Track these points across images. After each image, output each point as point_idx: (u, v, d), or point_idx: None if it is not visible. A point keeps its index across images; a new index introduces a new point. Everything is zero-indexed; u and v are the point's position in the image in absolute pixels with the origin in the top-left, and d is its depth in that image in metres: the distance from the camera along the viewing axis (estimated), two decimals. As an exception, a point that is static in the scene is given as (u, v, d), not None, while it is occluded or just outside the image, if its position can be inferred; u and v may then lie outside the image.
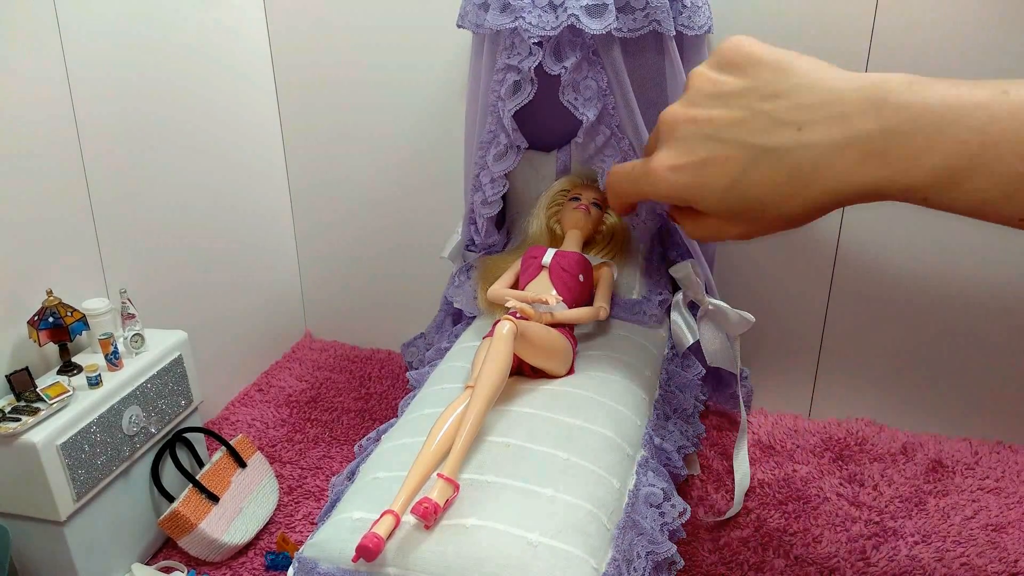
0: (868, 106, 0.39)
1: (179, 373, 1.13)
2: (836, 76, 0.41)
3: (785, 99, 0.41)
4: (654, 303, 1.15)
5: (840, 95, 0.40)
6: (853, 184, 0.39)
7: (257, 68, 1.48)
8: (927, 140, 0.38)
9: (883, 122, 0.38)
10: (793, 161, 0.40)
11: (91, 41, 1.09)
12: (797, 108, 0.40)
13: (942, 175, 0.38)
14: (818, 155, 0.40)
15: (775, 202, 0.42)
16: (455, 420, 0.82)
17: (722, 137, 0.42)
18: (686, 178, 0.43)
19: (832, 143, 0.39)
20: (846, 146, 0.39)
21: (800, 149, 0.40)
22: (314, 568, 0.75)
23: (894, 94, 0.38)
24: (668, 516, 0.88)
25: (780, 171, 0.41)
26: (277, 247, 1.61)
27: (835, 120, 0.39)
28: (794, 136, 0.40)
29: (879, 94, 0.39)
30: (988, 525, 1.13)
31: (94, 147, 1.10)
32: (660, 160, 0.44)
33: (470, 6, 1.07)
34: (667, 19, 0.98)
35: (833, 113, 0.39)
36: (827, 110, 0.40)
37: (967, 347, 1.29)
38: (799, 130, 0.40)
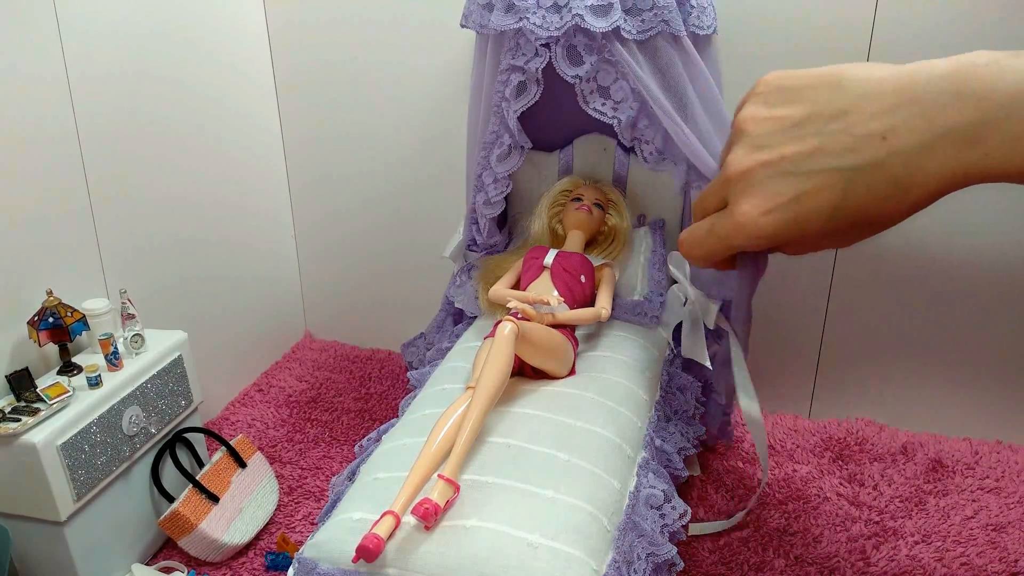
0: (949, 99, 0.38)
1: (179, 373, 1.13)
2: (893, 74, 0.40)
3: (856, 113, 0.40)
4: (655, 304, 1.15)
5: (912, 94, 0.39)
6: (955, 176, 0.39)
7: (257, 68, 1.48)
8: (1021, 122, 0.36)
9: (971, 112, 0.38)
10: (889, 172, 0.39)
11: (91, 41, 1.08)
12: (872, 118, 0.40)
13: None
14: (910, 159, 0.39)
15: (880, 212, 0.41)
16: (456, 421, 0.82)
17: (806, 170, 0.41)
18: (783, 219, 0.42)
19: (922, 144, 0.39)
20: (937, 144, 0.38)
21: (892, 157, 0.39)
22: (314, 568, 0.75)
23: (973, 80, 0.38)
24: (668, 518, 0.88)
25: (880, 185, 0.40)
26: (277, 247, 1.61)
27: (917, 120, 0.39)
28: (882, 147, 0.39)
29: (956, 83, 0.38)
30: (988, 525, 1.13)
31: (94, 147, 1.10)
32: (747, 211, 0.43)
33: (474, 6, 1.07)
34: (676, 19, 0.98)
35: (914, 113, 0.39)
36: (905, 111, 0.39)
37: (967, 347, 1.29)
38: (884, 139, 0.39)
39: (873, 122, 0.39)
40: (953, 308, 1.27)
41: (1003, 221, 1.20)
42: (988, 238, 1.21)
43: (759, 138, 0.43)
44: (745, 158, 0.43)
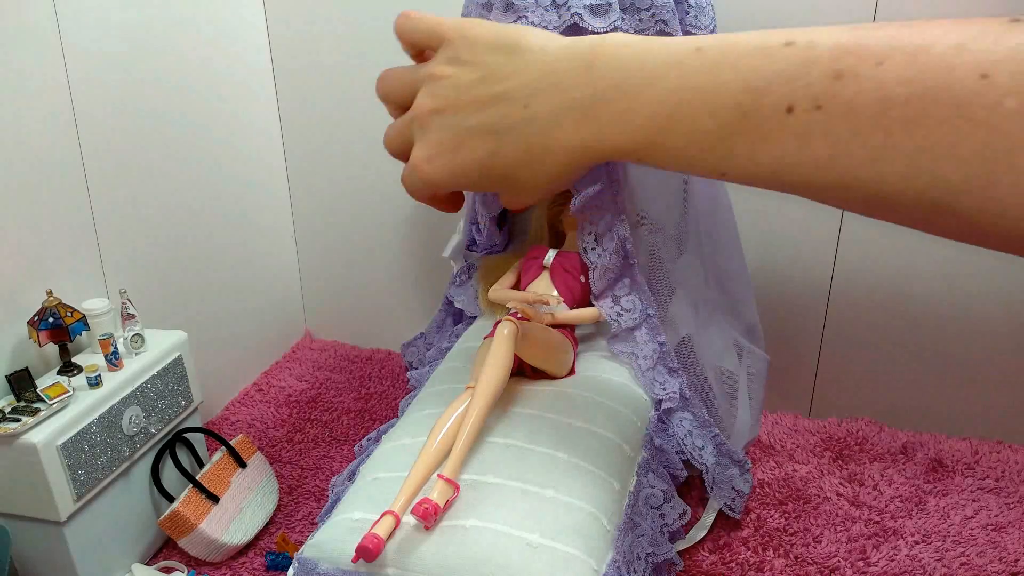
0: (578, 73, 0.41)
1: (179, 373, 1.13)
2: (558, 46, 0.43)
3: (514, 79, 0.43)
4: (654, 303, 1.15)
5: (555, 65, 0.42)
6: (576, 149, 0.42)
7: (257, 68, 1.48)
8: (630, 102, 0.40)
9: (590, 89, 0.41)
10: (526, 136, 0.43)
11: (91, 42, 1.09)
12: (523, 85, 0.43)
13: (646, 134, 0.40)
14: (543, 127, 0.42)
15: (525, 175, 0.45)
16: (456, 421, 0.82)
17: (467, 124, 0.45)
18: (442, 167, 0.46)
19: (552, 113, 0.42)
20: (563, 114, 0.41)
21: (529, 123, 0.42)
22: (314, 568, 0.75)
23: (600, 59, 0.41)
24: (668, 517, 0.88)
25: (519, 147, 0.43)
26: (277, 247, 1.61)
27: (553, 90, 0.42)
28: (522, 113, 0.43)
29: (587, 61, 0.41)
30: (988, 525, 1.13)
31: (94, 147, 1.10)
32: (416, 155, 0.47)
33: (473, 6, 1.07)
34: (673, 19, 0.98)
35: (550, 84, 0.42)
36: (546, 81, 0.42)
37: (967, 347, 1.29)
38: (525, 107, 0.42)
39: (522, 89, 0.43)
40: (953, 308, 1.27)
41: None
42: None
43: (438, 87, 0.46)
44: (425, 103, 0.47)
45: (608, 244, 1.02)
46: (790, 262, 1.33)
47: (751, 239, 1.30)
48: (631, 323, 1.04)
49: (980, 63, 0.31)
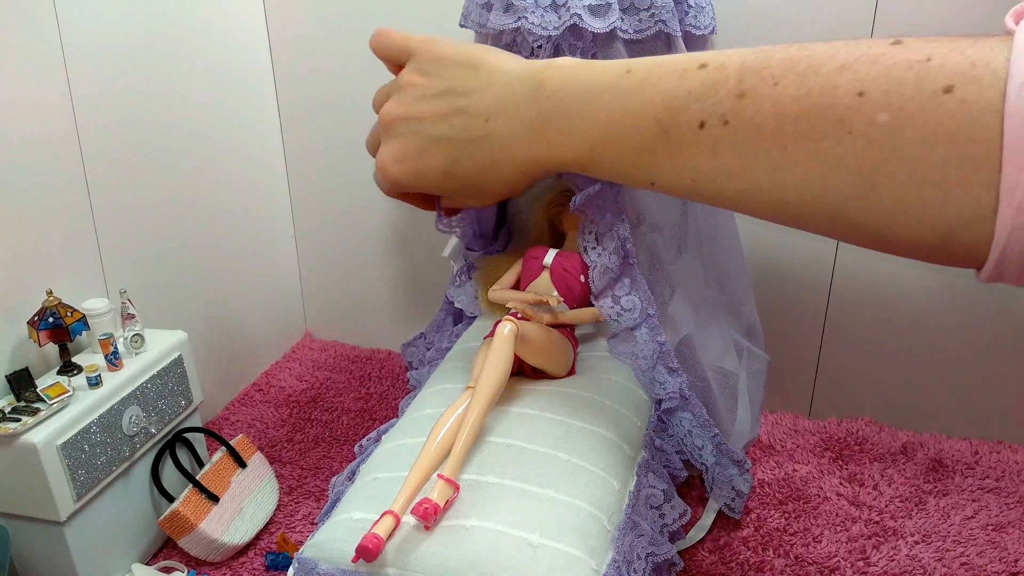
0: (530, 95, 0.46)
1: (179, 373, 1.13)
2: (513, 68, 0.47)
3: (477, 95, 0.48)
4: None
5: (512, 87, 0.47)
6: (530, 161, 0.47)
7: (257, 68, 1.48)
8: (570, 122, 0.45)
9: (539, 108, 0.46)
10: (487, 149, 0.47)
11: (91, 42, 1.09)
12: (484, 102, 0.47)
13: (586, 149, 0.45)
14: (502, 141, 0.47)
15: (485, 181, 0.49)
16: (455, 421, 0.82)
17: (431, 132, 0.49)
18: (407, 169, 0.51)
19: (509, 130, 0.47)
20: (519, 131, 0.46)
21: (490, 138, 0.47)
22: (314, 568, 0.75)
23: (548, 82, 0.45)
24: (668, 517, 0.88)
25: (481, 158, 0.48)
26: (277, 247, 1.61)
27: (510, 110, 0.47)
28: (484, 127, 0.47)
29: (537, 83, 0.46)
30: (988, 525, 1.13)
31: (94, 147, 1.10)
32: (383, 157, 0.52)
33: (473, 6, 1.07)
34: (672, 19, 0.98)
35: (508, 104, 0.47)
36: (504, 102, 0.47)
37: (967, 347, 1.29)
38: (487, 121, 0.47)
39: (484, 105, 0.47)
40: (954, 308, 1.27)
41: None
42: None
43: (407, 96, 0.51)
44: (393, 110, 0.51)
45: (608, 244, 1.02)
46: (790, 262, 1.33)
47: (751, 239, 1.30)
48: (631, 323, 1.04)
49: (858, 82, 0.35)
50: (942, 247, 0.35)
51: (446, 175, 0.50)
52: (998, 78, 0.32)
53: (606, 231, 1.02)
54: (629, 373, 1.04)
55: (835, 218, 0.37)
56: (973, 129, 0.32)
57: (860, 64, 0.35)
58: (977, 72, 0.33)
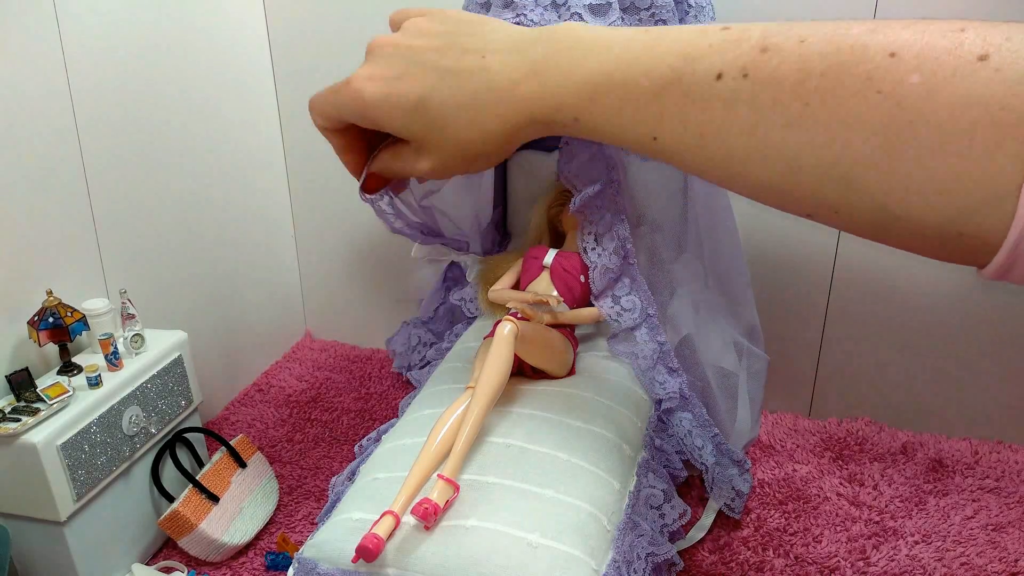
0: (539, 39, 0.44)
1: (179, 373, 1.13)
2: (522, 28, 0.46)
3: (479, 38, 0.46)
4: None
5: (522, 34, 0.45)
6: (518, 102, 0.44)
7: (257, 68, 1.48)
8: (575, 62, 0.43)
9: (545, 49, 0.44)
10: (474, 83, 0.45)
11: (91, 42, 1.09)
12: (485, 41, 0.46)
13: (587, 93, 0.42)
14: (493, 77, 0.45)
15: (459, 122, 0.46)
16: (455, 421, 0.82)
17: (418, 59, 0.47)
18: (379, 88, 0.47)
19: (505, 66, 0.44)
20: (514, 69, 0.44)
21: (481, 72, 0.45)
22: (314, 568, 0.75)
23: (560, 30, 0.44)
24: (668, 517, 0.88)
25: (463, 92, 0.45)
26: (277, 247, 1.61)
27: (512, 50, 0.45)
28: (478, 61, 0.45)
29: (548, 32, 0.44)
30: (988, 525, 1.13)
31: (94, 147, 1.10)
32: (358, 72, 0.49)
33: (472, 6, 1.07)
34: (673, 19, 0.98)
35: (512, 45, 0.45)
36: (508, 43, 0.45)
37: (968, 347, 1.29)
38: (483, 57, 0.45)
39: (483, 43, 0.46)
40: (954, 308, 1.27)
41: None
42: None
43: (405, 32, 0.49)
44: (385, 38, 0.49)
45: (608, 244, 1.02)
46: (790, 262, 1.33)
47: (751, 239, 1.30)
48: (631, 323, 1.04)
49: (890, 43, 0.34)
50: (953, 231, 0.34)
51: (417, 105, 0.46)
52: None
53: (605, 231, 1.02)
54: (629, 373, 1.04)
55: (848, 187, 0.36)
56: (1006, 98, 0.32)
57: (892, 28, 0.34)
58: (1012, 45, 0.32)
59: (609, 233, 1.02)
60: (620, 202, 1.03)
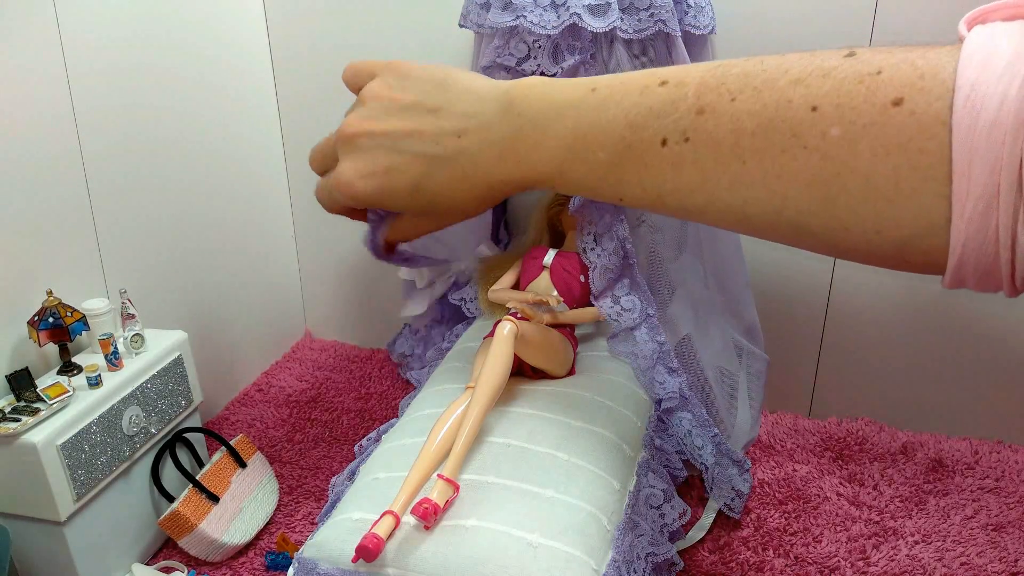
0: (501, 113, 0.46)
1: (179, 373, 1.13)
2: (481, 86, 0.48)
3: (445, 111, 0.48)
4: (654, 303, 1.15)
5: (483, 105, 0.47)
6: (501, 178, 0.47)
7: (257, 68, 1.48)
8: (538, 139, 0.45)
9: (509, 126, 0.46)
10: (459, 164, 0.47)
11: (91, 41, 1.09)
12: (456, 118, 0.47)
13: (555, 167, 0.45)
14: (474, 158, 0.47)
15: (453, 198, 0.49)
16: (455, 421, 0.82)
17: (400, 148, 0.48)
18: (372, 184, 0.49)
19: (481, 147, 0.47)
20: (489, 148, 0.46)
21: (462, 155, 0.47)
22: (314, 568, 0.75)
23: (516, 101, 0.46)
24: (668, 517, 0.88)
25: (454, 173, 0.48)
26: (277, 247, 1.61)
27: (482, 128, 0.47)
28: (456, 143, 0.47)
29: (507, 101, 0.46)
30: (988, 525, 1.13)
31: (94, 147, 1.10)
32: (347, 171, 0.50)
33: (472, 6, 1.07)
34: (672, 19, 0.98)
35: (481, 122, 0.47)
36: (477, 120, 0.47)
37: (967, 347, 1.29)
38: (459, 138, 0.47)
39: (456, 121, 0.47)
40: (953, 308, 1.27)
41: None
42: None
43: (372, 111, 0.50)
44: (355, 124, 0.50)
45: (608, 244, 1.02)
46: (790, 262, 1.33)
47: (751, 239, 1.30)
48: (631, 323, 1.04)
49: (811, 96, 0.35)
50: (899, 257, 0.36)
51: (415, 190, 0.49)
52: (946, 89, 0.32)
53: (605, 232, 1.02)
54: (629, 373, 1.04)
55: (796, 231, 0.38)
56: (922, 141, 0.32)
57: (812, 78, 0.36)
58: (925, 84, 0.33)
59: (608, 233, 1.02)
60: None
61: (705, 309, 1.15)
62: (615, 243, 1.02)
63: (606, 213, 1.03)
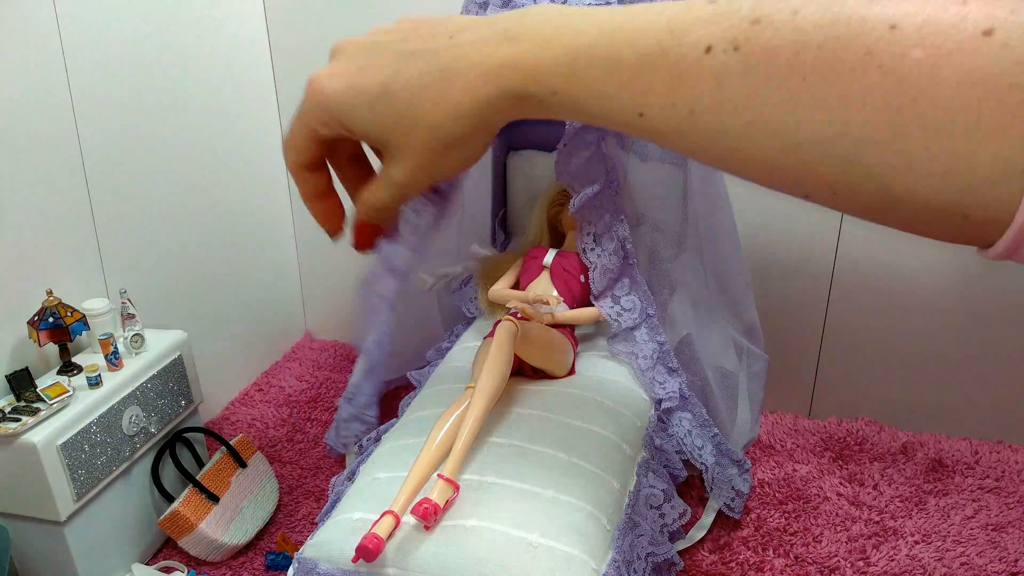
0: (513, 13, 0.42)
1: (179, 373, 1.13)
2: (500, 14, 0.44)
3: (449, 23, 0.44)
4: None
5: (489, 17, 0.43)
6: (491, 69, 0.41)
7: (257, 68, 1.48)
8: (555, 30, 0.40)
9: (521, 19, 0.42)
10: (440, 59, 0.42)
11: (91, 42, 1.09)
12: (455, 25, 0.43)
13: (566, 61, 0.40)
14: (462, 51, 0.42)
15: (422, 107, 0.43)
16: (455, 421, 0.82)
17: (381, 48, 0.45)
18: (341, 82, 0.45)
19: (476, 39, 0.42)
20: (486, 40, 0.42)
21: (450, 49, 0.42)
22: (314, 568, 0.75)
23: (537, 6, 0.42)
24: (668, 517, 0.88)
25: (429, 69, 0.42)
26: (277, 247, 1.61)
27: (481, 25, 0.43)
28: (446, 41, 0.43)
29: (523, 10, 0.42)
30: (988, 525, 1.13)
31: (94, 147, 1.10)
32: (320, 74, 0.46)
33: (472, 5, 1.07)
34: None
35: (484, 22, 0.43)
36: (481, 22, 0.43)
37: (967, 347, 1.29)
38: (450, 37, 0.43)
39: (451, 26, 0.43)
40: (954, 309, 1.27)
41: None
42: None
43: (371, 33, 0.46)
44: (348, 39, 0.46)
45: (608, 244, 1.02)
46: (790, 262, 1.33)
47: (751, 239, 1.30)
48: (631, 323, 1.04)
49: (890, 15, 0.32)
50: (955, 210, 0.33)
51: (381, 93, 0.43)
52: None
53: (604, 232, 1.02)
54: (629, 373, 1.04)
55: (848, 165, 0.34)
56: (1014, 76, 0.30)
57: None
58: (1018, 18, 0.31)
59: (608, 233, 1.02)
60: (619, 202, 1.03)
61: (705, 309, 1.15)
62: (615, 243, 1.02)
63: (606, 213, 1.03)
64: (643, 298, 1.04)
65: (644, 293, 1.04)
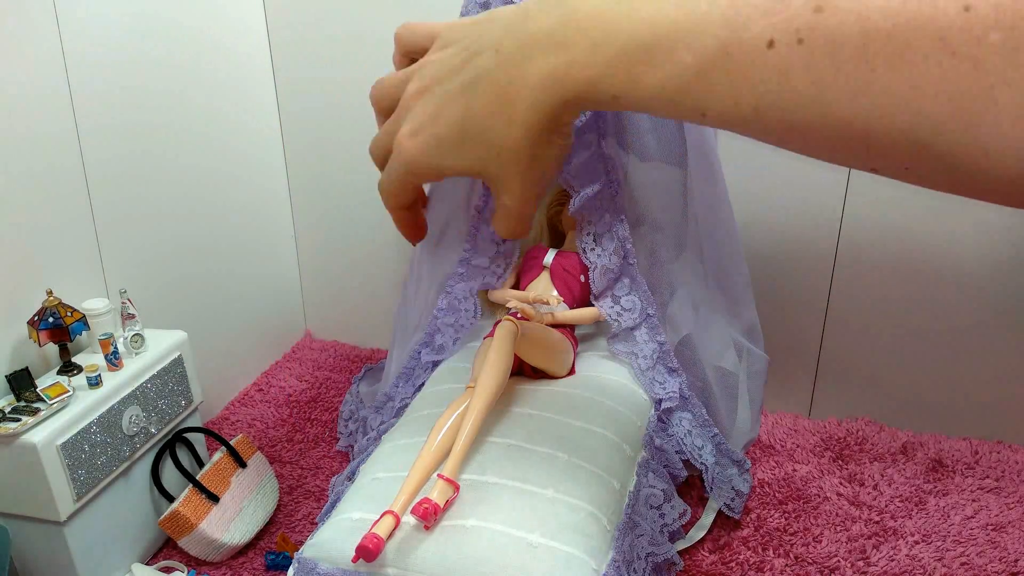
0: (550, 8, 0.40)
1: (179, 373, 1.13)
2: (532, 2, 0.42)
3: (486, 36, 0.41)
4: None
5: (527, 8, 0.41)
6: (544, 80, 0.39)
7: (257, 68, 1.48)
8: (604, 32, 0.38)
9: (563, 19, 0.39)
10: (496, 81, 0.40)
11: (91, 41, 1.09)
12: (493, 36, 0.41)
13: (619, 66, 0.38)
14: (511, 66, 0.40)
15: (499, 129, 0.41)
16: (455, 421, 0.82)
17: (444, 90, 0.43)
18: (426, 139, 0.43)
19: (520, 48, 0.40)
20: (533, 47, 0.39)
21: (499, 67, 0.40)
22: (314, 568, 0.75)
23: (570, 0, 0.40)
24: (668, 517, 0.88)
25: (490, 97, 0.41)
26: (277, 247, 1.61)
27: (523, 26, 0.40)
28: (493, 58, 0.41)
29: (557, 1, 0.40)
30: (988, 525, 1.13)
31: (94, 147, 1.10)
32: (401, 134, 0.44)
33: (472, 6, 1.07)
34: None
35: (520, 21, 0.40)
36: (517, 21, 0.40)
37: (967, 347, 1.29)
38: (497, 51, 0.41)
39: (492, 38, 0.41)
40: (953, 308, 1.27)
41: (1003, 221, 1.20)
42: (988, 238, 1.22)
43: (426, 70, 0.44)
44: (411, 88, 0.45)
45: (608, 244, 1.02)
46: (790, 262, 1.33)
47: (751, 239, 1.30)
48: (631, 323, 1.04)
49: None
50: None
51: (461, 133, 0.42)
52: None
53: (605, 231, 1.02)
54: (629, 373, 1.04)
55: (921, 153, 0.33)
56: None
57: None
58: None
59: (608, 233, 1.02)
60: (619, 202, 1.03)
61: (705, 309, 1.15)
62: (615, 243, 1.02)
63: (606, 213, 1.03)
64: (643, 298, 1.04)
65: (644, 293, 1.04)
